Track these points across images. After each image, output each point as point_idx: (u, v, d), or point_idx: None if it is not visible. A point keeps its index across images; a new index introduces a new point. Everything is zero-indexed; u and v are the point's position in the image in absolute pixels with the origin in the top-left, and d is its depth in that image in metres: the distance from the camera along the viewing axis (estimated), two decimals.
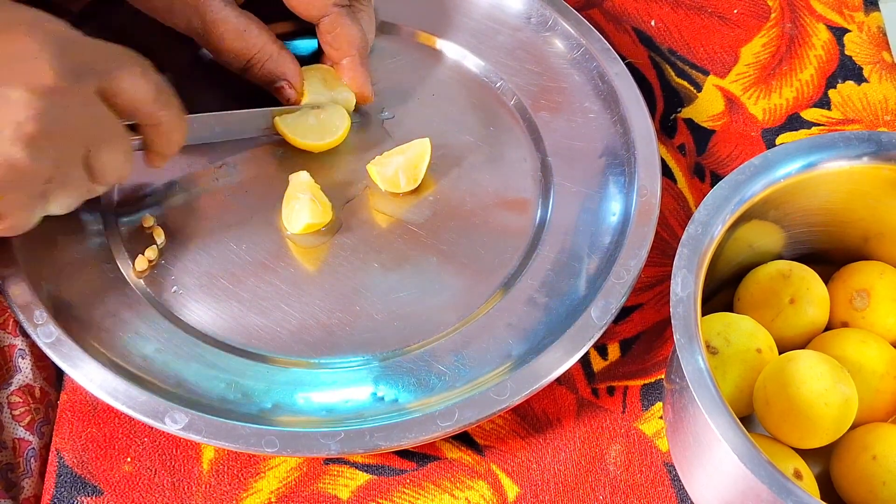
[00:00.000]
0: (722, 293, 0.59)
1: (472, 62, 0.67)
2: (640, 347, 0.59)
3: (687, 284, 0.48)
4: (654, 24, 0.72)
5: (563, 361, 0.53)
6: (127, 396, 0.51)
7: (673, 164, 0.66)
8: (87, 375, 0.52)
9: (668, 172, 0.66)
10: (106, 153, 0.50)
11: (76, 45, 0.48)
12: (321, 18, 0.60)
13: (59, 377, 0.57)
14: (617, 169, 0.61)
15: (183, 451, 0.55)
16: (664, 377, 0.58)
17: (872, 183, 0.54)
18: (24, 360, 0.56)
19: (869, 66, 0.70)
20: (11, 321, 0.56)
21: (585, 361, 0.59)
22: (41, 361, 0.56)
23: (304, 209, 0.58)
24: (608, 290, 0.55)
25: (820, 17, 0.72)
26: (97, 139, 0.49)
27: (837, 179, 0.53)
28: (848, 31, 0.72)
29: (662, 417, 0.57)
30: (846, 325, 0.56)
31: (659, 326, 0.60)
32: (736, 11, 0.73)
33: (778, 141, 0.67)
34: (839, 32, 0.72)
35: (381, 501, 0.54)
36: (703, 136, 0.67)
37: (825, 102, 0.69)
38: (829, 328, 0.57)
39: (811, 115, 0.68)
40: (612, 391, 0.58)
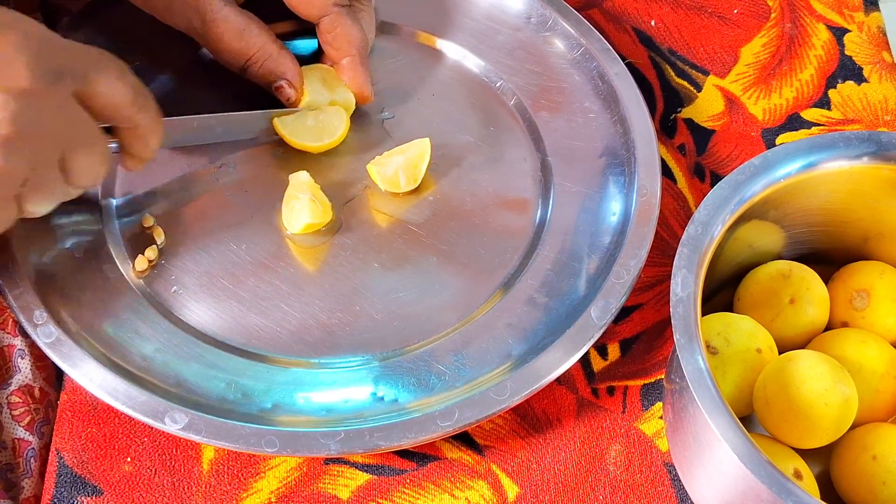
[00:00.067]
0: (722, 293, 0.59)
1: (472, 62, 0.67)
2: (640, 347, 0.59)
3: (687, 284, 0.48)
4: (654, 24, 0.72)
5: (563, 361, 0.53)
6: (127, 396, 0.51)
7: (673, 164, 0.66)
8: (86, 375, 0.52)
9: (668, 172, 0.66)
10: (82, 156, 0.50)
11: (53, 47, 0.48)
12: (321, 18, 0.60)
13: (58, 377, 0.57)
14: (617, 169, 0.61)
15: (183, 451, 0.55)
16: (664, 377, 0.58)
17: (872, 183, 0.54)
18: (23, 360, 0.56)
19: (869, 66, 0.70)
20: (11, 321, 0.56)
21: (585, 361, 0.59)
22: (41, 361, 0.56)
23: (304, 209, 0.58)
24: (608, 290, 0.55)
25: (820, 17, 0.72)
26: (73, 142, 0.49)
27: (837, 179, 0.53)
28: (848, 31, 0.72)
29: (662, 417, 0.57)
30: (846, 325, 0.56)
31: (659, 326, 0.60)
32: (736, 11, 0.73)
33: (778, 141, 0.67)
34: (839, 32, 0.72)
35: (381, 501, 0.54)
36: (703, 136, 0.67)
37: (825, 102, 0.69)
38: (829, 328, 0.57)
39: (811, 115, 0.68)
40: (612, 391, 0.58)
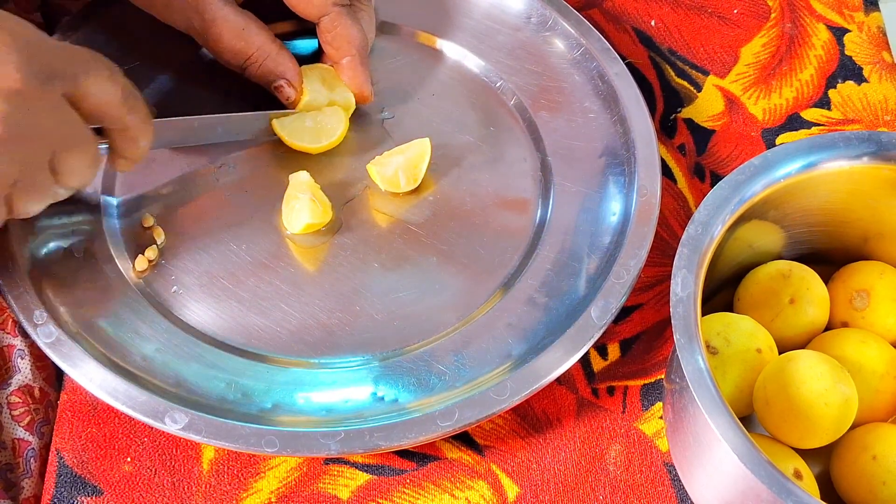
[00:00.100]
0: (722, 293, 0.59)
1: (472, 62, 0.67)
2: (640, 347, 0.59)
3: (687, 284, 0.48)
4: (654, 24, 0.72)
5: (563, 361, 0.53)
6: (127, 396, 0.51)
7: (673, 164, 0.66)
8: (86, 375, 0.52)
9: (668, 172, 0.66)
10: (72, 157, 0.50)
11: (44, 48, 0.48)
12: (321, 17, 0.60)
13: (58, 377, 0.57)
14: (617, 169, 0.61)
15: (183, 451, 0.55)
16: (664, 377, 0.58)
17: (872, 183, 0.54)
18: (22, 360, 0.56)
19: (869, 66, 0.70)
20: (10, 321, 0.56)
21: (585, 361, 0.59)
22: (40, 361, 0.56)
23: (304, 209, 0.58)
24: (608, 290, 0.55)
25: (820, 17, 0.72)
26: (63, 143, 0.49)
27: (837, 179, 0.53)
28: (848, 31, 0.72)
29: (662, 417, 0.57)
30: (846, 325, 0.56)
31: (659, 326, 0.60)
32: (736, 11, 0.73)
33: (778, 141, 0.67)
34: (839, 32, 0.72)
35: (381, 501, 0.54)
36: (703, 136, 0.67)
37: (825, 102, 0.69)
38: (829, 328, 0.57)
39: (811, 115, 0.68)
40: (612, 391, 0.58)
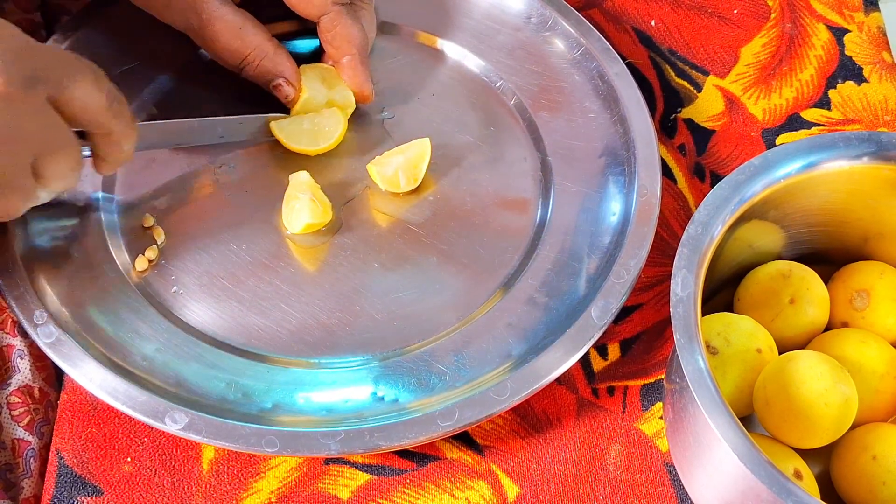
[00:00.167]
0: (722, 293, 0.59)
1: (472, 62, 0.67)
2: (640, 347, 0.59)
3: (687, 284, 0.48)
4: (654, 24, 0.72)
5: (563, 361, 0.53)
6: (127, 396, 0.51)
7: (673, 164, 0.66)
8: (86, 375, 0.52)
9: (668, 172, 0.66)
10: (55, 160, 0.49)
11: (28, 51, 0.48)
12: (321, 17, 0.60)
13: (58, 377, 0.57)
14: (617, 169, 0.61)
15: (183, 451, 0.55)
16: (664, 377, 0.58)
17: (872, 183, 0.54)
18: (22, 360, 0.56)
19: (869, 66, 0.70)
20: (10, 321, 0.56)
21: (585, 361, 0.59)
22: (40, 361, 0.56)
23: (304, 209, 0.58)
24: (608, 290, 0.55)
25: (820, 17, 0.72)
26: (46, 146, 0.49)
27: (837, 179, 0.53)
28: (848, 31, 0.72)
29: (662, 417, 0.57)
30: (846, 325, 0.56)
31: (659, 326, 0.60)
32: (736, 11, 0.73)
33: (778, 141, 0.67)
34: (839, 32, 0.72)
35: (381, 501, 0.54)
36: (703, 136, 0.67)
37: (825, 102, 0.69)
38: (829, 328, 0.56)
39: (811, 115, 0.68)
40: (612, 391, 0.58)
